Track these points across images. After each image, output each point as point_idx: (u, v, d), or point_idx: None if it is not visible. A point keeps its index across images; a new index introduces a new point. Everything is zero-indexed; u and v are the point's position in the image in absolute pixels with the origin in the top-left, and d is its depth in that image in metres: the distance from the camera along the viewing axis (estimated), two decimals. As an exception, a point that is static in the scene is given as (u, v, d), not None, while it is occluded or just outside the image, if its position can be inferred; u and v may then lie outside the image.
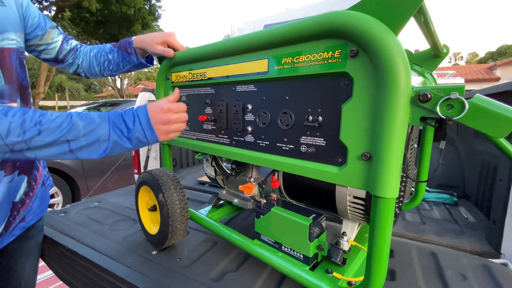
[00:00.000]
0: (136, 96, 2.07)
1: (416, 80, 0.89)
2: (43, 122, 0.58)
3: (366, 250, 0.73)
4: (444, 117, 0.43)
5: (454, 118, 0.43)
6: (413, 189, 1.13)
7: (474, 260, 0.95)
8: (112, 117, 0.64)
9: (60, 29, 0.95)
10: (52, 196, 2.84)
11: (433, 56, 0.98)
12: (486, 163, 1.40)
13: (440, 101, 0.43)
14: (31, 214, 0.90)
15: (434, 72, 1.13)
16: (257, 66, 0.69)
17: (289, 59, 0.61)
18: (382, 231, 0.53)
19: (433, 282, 0.84)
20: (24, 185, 0.84)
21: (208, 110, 0.88)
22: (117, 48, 0.95)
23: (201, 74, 0.86)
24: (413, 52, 1.13)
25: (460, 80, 2.78)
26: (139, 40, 0.91)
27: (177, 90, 0.76)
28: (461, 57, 50.98)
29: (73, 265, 1.02)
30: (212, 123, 0.87)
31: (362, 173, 0.53)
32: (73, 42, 0.97)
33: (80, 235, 1.11)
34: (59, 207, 2.86)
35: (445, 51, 0.96)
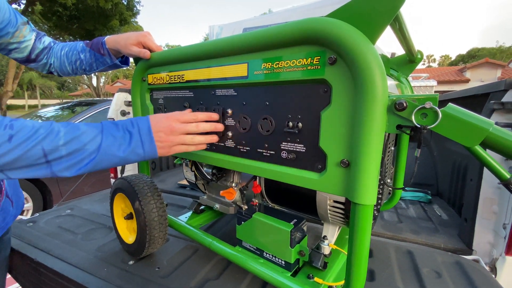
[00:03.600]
0: (114, 95, 1.99)
1: (392, 84, 0.91)
2: (15, 127, 0.49)
3: (346, 253, 0.74)
4: (419, 126, 0.44)
5: (429, 127, 0.44)
6: (390, 189, 1.16)
7: (447, 258, 0.99)
8: (105, 123, 0.59)
9: (32, 25, 0.87)
10: (21, 203, 2.65)
11: (408, 61, 1.02)
12: (458, 162, 1.47)
13: (415, 110, 0.44)
14: None
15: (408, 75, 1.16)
16: (237, 70, 0.67)
17: (269, 64, 0.60)
18: (361, 237, 0.53)
19: (410, 281, 0.86)
20: None
21: (187, 114, 0.85)
22: (89, 48, 0.89)
23: (179, 77, 0.83)
24: (389, 55, 1.17)
25: (433, 83, 2.92)
26: (112, 40, 0.86)
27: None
28: (434, 60, 53.76)
29: (43, 279, 0.96)
30: (191, 128, 0.84)
31: (341, 180, 0.53)
32: (46, 40, 0.90)
33: (50, 247, 1.04)
34: (29, 214, 2.70)
35: (419, 56, 1.00)
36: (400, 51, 1.05)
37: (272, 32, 0.57)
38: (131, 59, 0.97)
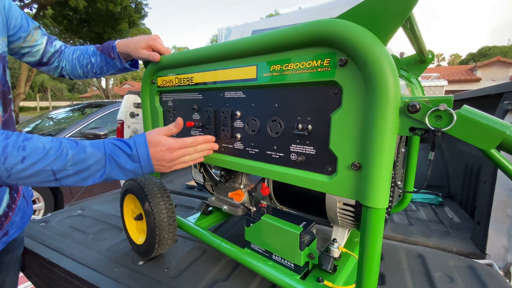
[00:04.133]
0: (122, 96, 2.02)
1: (403, 85, 0.89)
2: (27, 148, 0.55)
3: (356, 256, 0.73)
4: (433, 128, 0.43)
5: (443, 130, 0.43)
6: (400, 191, 1.14)
7: (460, 262, 0.97)
8: (109, 149, 0.62)
9: (43, 29, 0.90)
10: (33, 202, 2.72)
11: (419, 61, 1.00)
12: (470, 164, 1.44)
13: (429, 112, 0.43)
14: (14, 227, 0.85)
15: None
16: (246, 72, 0.67)
17: (278, 67, 0.60)
18: (373, 241, 0.52)
19: (421, 285, 0.85)
20: (6, 197, 0.79)
21: (196, 116, 0.85)
22: (100, 52, 0.91)
23: (188, 79, 0.83)
24: (398, 55, 1.15)
25: (443, 83, 2.86)
26: (123, 44, 0.87)
27: (179, 120, 0.74)
28: (444, 58, 52.78)
29: (55, 279, 0.98)
30: (200, 129, 0.85)
31: (352, 183, 0.53)
32: (58, 44, 0.93)
33: (62, 246, 1.06)
34: (41, 214, 2.75)
35: (430, 56, 0.98)
36: (403, 50, 1.04)
37: (281, 34, 0.57)
38: (141, 62, 0.98)
